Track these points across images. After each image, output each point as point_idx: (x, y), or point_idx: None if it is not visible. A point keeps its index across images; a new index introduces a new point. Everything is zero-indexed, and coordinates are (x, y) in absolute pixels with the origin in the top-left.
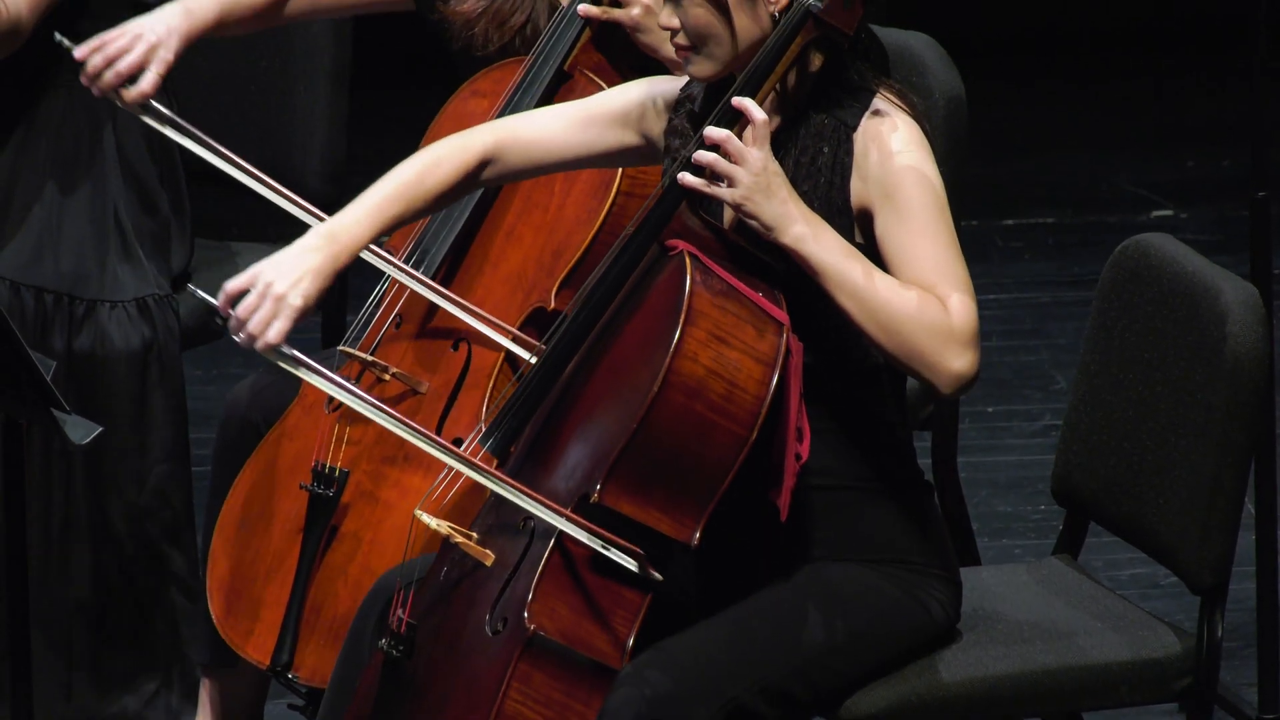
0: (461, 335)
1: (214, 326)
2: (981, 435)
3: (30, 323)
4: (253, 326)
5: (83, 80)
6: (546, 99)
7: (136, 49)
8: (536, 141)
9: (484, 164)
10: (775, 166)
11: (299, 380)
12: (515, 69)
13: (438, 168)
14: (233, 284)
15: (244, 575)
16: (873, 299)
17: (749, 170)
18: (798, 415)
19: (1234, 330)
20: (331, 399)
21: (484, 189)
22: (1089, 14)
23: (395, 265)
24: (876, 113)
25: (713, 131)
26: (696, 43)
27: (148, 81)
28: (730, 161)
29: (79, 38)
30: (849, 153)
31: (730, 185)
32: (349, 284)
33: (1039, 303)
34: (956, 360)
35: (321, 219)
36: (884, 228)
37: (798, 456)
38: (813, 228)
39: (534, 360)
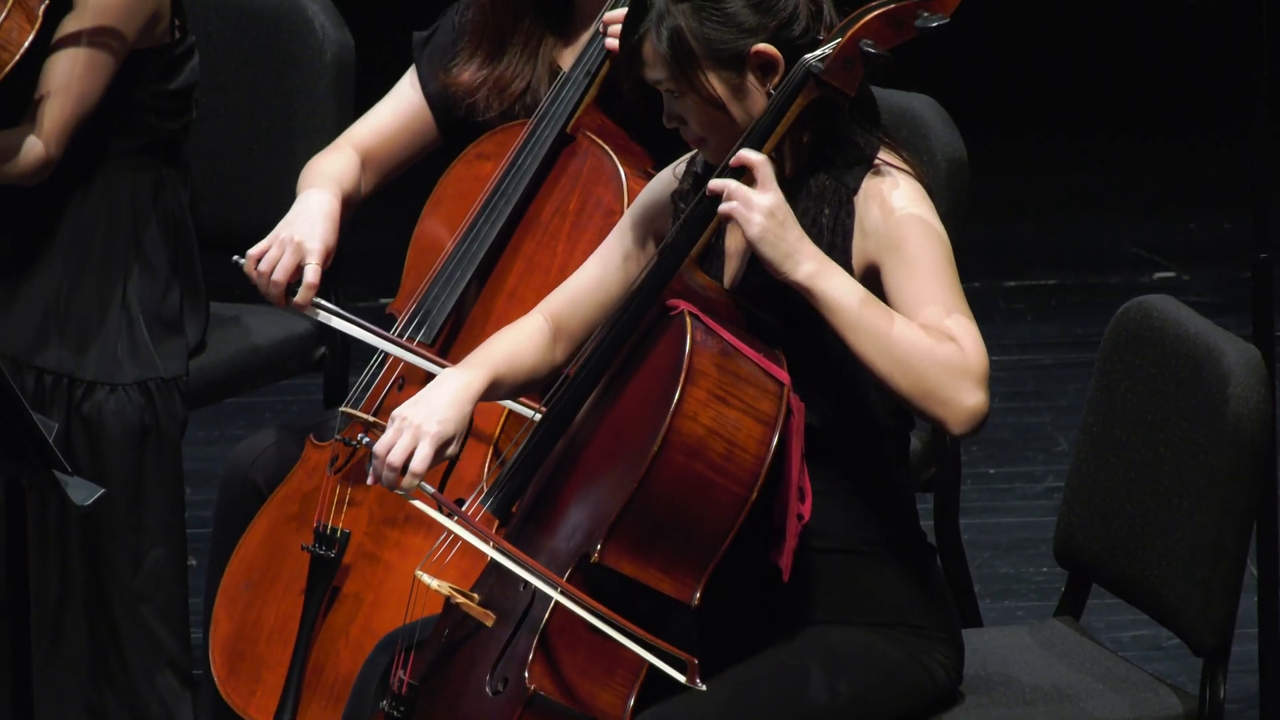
0: None
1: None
2: (984, 497)
3: (29, 402)
4: (394, 456)
5: (265, 296)
6: (550, 160)
7: (287, 252)
8: (581, 291)
9: (552, 340)
10: (785, 206)
11: (300, 442)
12: (518, 131)
13: (526, 339)
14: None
15: (246, 636)
16: (886, 335)
17: (761, 211)
18: (799, 475)
19: (1236, 392)
20: (334, 461)
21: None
22: (1090, 76)
23: (386, 338)
24: (877, 172)
25: (715, 183)
26: (704, 135)
27: (310, 274)
28: (744, 209)
29: (102, 130)
30: (850, 214)
31: (749, 219)
32: (351, 346)
33: (1041, 364)
34: (970, 396)
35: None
36: (891, 278)
37: (800, 517)
38: (824, 266)
39: (536, 420)
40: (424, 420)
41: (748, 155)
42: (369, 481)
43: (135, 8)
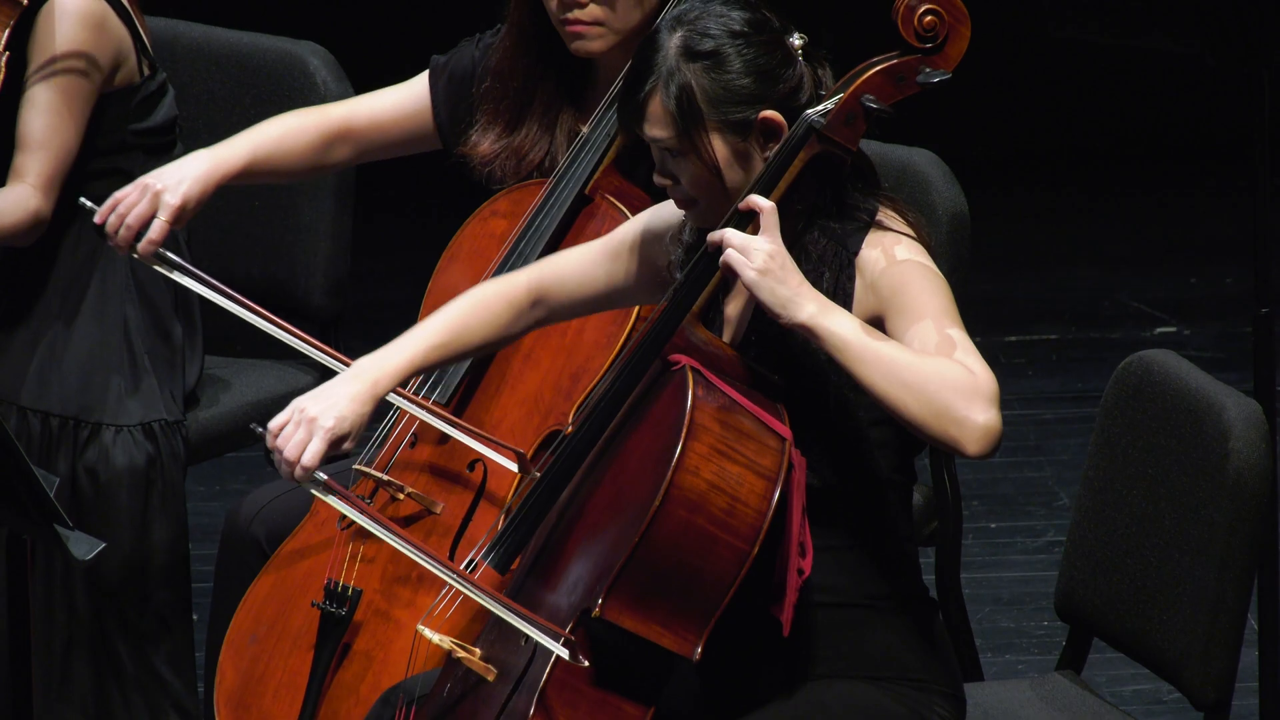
0: (477, 456)
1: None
2: (985, 551)
3: (36, 446)
4: (289, 450)
5: (108, 243)
6: (568, 221)
7: (143, 199)
8: (572, 274)
9: (533, 301)
10: (784, 252)
11: (304, 497)
12: (536, 190)
13: (485, 307)
14: (277, 420)
15: (253, 690)
16: (894, 362)
17: (761, 257)
18: (800, 530)
19: (1237, 447)
20: (344, 517)
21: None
22: (1092, 132)
23: (404, 396)
24: (876, 233)
25: (714, 235)
26: (694, 197)
27: (155, 230)
28: (742, 258)
29: (91, 176)
30: (850, 278)
31: (748, 264)
32: None
33: (1042, 419)
34: (983, 414)
35: (346, 363)
36: (895, 323)
37: (800, 572)
38: (824, 306)
39: (539, 474)
40: (320, 414)
41: (756, 200)
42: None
43: (97, 50)
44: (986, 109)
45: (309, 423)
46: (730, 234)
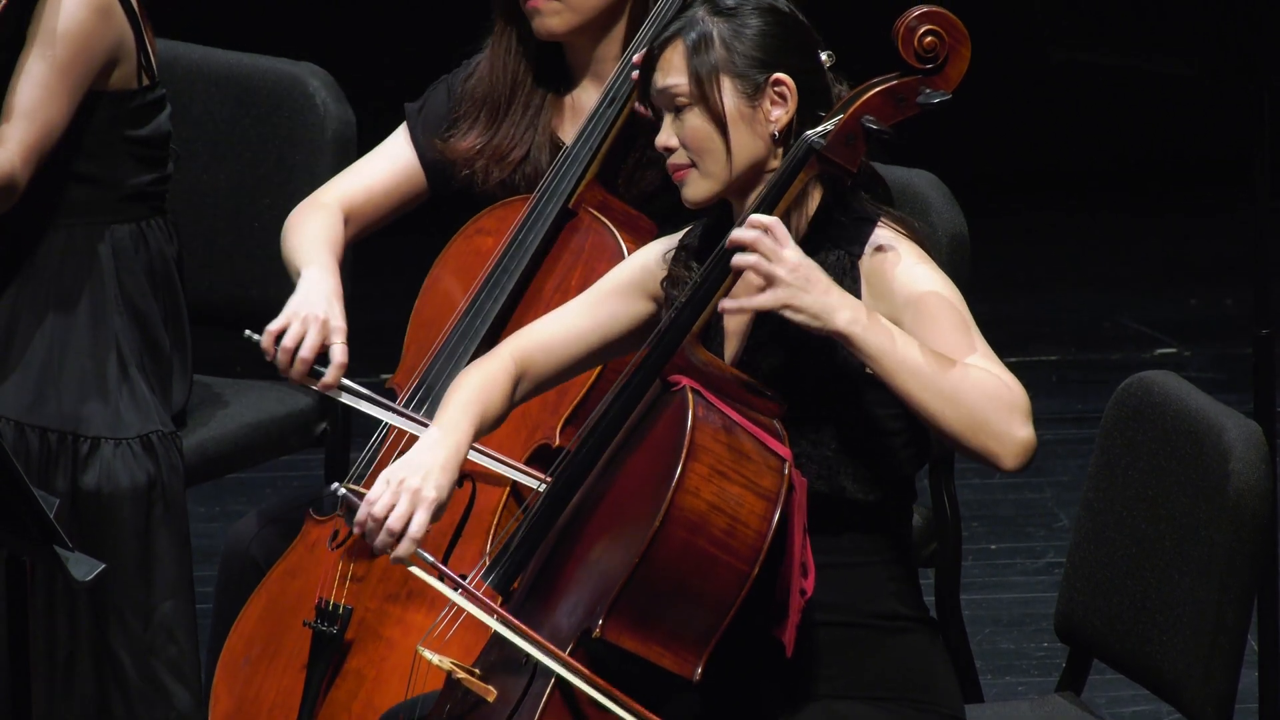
0: (465, 473)
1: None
2: (985, 573)
3: (35, 462)
4: (392, 522)
5: (281, 373)
6: (551, 236)
7: (312, 330)
8: (555, 340)
9: (516, 382)
10: (808, 260)
11: (300, 519)
12: (519, 206)
13: (491, 389)
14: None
15: (247, 712)
16: (933, 372)
17: (786, 267)
18: (802, 550)
19: (1237, 468)
20: (335, 535)
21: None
22: (1091, 153)
23: (394, 410)
24: (878, 239)
25: (741, 233)
26: (694, 159)
27: (339, 353)
28: (767, 263)
29: (77, 179)
30: (855, 280)
31: (771, 286)
32: (352, 422)
33: (1042, 440)
34: (1022, 429)
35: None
36: (913, 334)
37: (802, 592)
38: (860, 313)
39: (539, 493)
40: (422, 485)
41: (761, 218)
42: (370, 548)
43: (96, 35)
44: (986, 130)
45: (412, 494)
46: (761, 242)
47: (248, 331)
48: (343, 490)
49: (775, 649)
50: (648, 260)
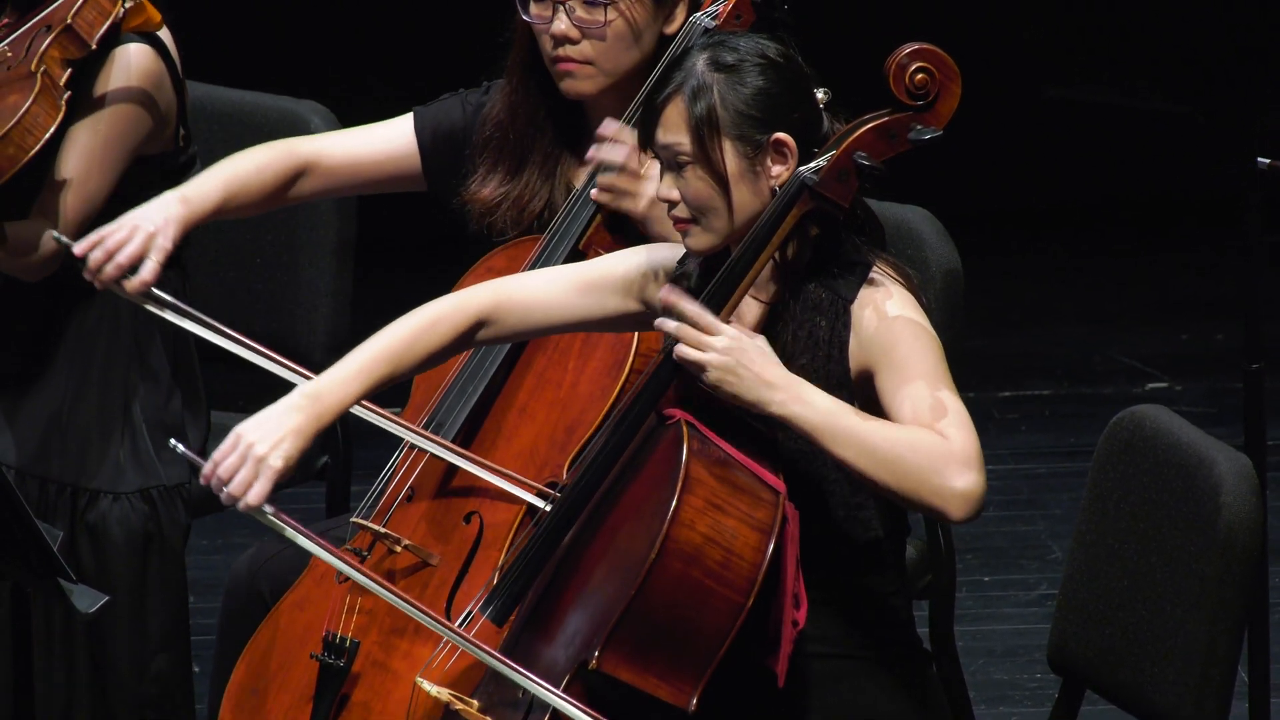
0: (474, 509)
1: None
2: (978, 604)
3: (33, 511)
4: (233, 488)
5: (85, 275)
6: None
7: (135, 239)
8: (535, 305)
9: (479, 325)
10: (744, 343)
11: (304, 551)
12: (530, 246)
13: (433, 329)
14: (220, 450)
15: None
16: (868, 440)
17: (715, 353)
18: (794, 582)
19: (1228, 501)
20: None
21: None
22: (1084, 189)
23: (410, 429)
24: (872, 284)
25: (662, 323)
26: (695, 214)
27: (148, 270)
28: (695, 352)
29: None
30: (846, 325)
31: (702, 371)
32: (354, 454)
33: (1035, 474)
34: (959, 479)
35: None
36: (885, 380)
37: (795, 624)
38: (794, 390)
39: (536, 526)
40: (268, 453)
41: (682, 305)
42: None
43: (147, 109)
44: (980, 166)
45: (255, 461)
46: (683, 331)
47: (53, 233)
48: (180, 448)
49: (768, 680)
50: (654, 265)
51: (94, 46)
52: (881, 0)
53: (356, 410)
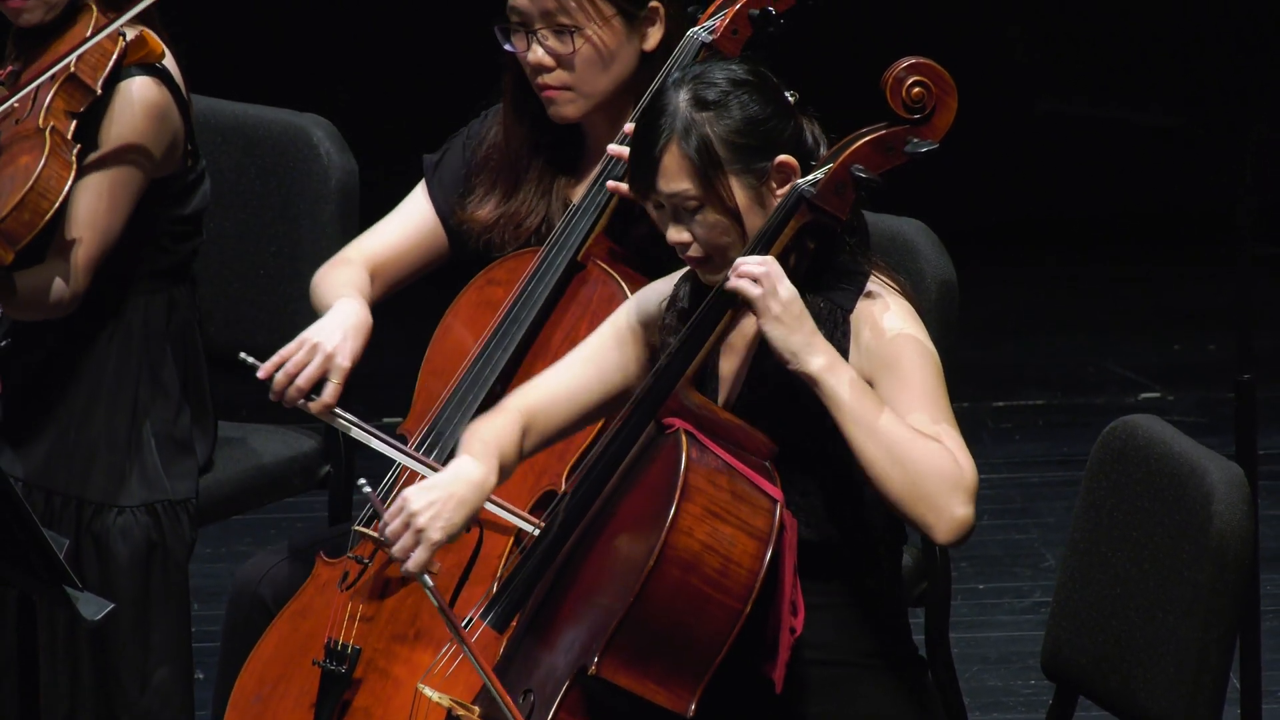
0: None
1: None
2: (973, 612)
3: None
4: (395, 552)
5: (271, 397)
6: (560, 287)
7: (314, 362)
8: (560, 393)
9: (524, 435)
10: (800, 301)
11: (307, 559)
12: (530, 258)
13: (509, 438)
14: (386, 516)
15: None
16: (887, 434)
17: (778, 300)
18: (792, 589)
19: (1219, 510)
20: (345, 577)
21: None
22: (1078, 201)
23: (400, 449)
24: (870, 294)
25: (748, 262)
26: (710, 252)
27: (329, 394)
28: (761, 288)
29: (117, 259)
30: (845, 334)
31: (761, 317)
32: (356, 462)
33: (1029, 483)
34: (961, 508)
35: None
36: (884, 394)
37: (792, 630)
38: (834, 361)
39: (536, 533)
40: (429, 525)
41: (754, 263)
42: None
43: (155, 141)
44: (974, 179)
45: (416, 533)
46: (760, 270)
47: (243, 354)
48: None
49: (765, 687)
50: (646, 305)
51: (99, 91)
52: (877, 14)
53: (351, 430)
